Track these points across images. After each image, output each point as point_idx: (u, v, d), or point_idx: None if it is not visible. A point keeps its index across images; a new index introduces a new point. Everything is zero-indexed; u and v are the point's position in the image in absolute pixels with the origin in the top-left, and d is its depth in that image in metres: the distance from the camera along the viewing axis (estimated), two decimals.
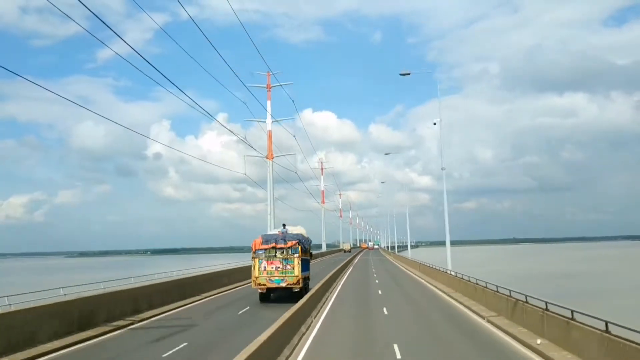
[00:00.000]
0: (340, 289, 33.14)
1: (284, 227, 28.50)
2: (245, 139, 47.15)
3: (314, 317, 20.68)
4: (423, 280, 38.82)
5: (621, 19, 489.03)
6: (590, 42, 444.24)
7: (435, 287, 33.04)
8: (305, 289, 26.58)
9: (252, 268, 26.55)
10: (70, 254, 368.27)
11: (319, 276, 34.31)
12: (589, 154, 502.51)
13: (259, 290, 26.53)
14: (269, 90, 55.12)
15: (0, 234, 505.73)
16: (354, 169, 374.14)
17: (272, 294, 27.31)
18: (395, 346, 14.91)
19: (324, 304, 25.01)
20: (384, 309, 22.95)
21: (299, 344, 15.60)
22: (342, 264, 53.24)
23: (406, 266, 58.74)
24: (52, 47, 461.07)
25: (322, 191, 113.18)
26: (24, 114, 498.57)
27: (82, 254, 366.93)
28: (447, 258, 33.77)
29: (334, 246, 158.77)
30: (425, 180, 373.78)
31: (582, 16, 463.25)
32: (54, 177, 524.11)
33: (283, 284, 26.19)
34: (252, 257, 26.63)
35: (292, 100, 64.30)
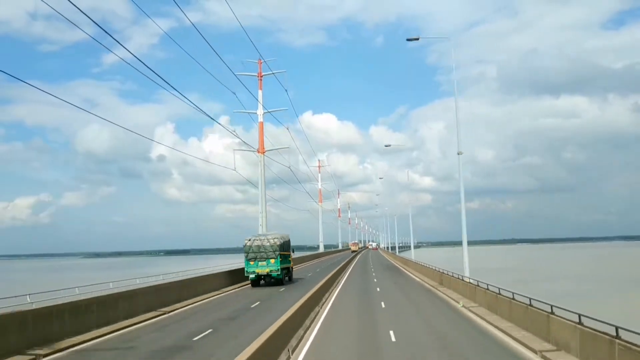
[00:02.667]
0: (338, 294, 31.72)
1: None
2: (234, 131, 45.91)
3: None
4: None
5: (620, 22, 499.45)
6: (590, 45, 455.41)
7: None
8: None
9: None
10: (87, 255, 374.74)
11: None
12: (589, 155, 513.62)
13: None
14: (260, 79, 53.04)
15: (9, 235, 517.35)
16: (356, 170, 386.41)
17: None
18: None
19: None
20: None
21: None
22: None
23: (411, 270, 52.38)
24: (59, 52, 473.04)
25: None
26: (31, 117, 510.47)
27: (97, 255, 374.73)
28: (464, 262, 28.28)
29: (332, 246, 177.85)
30: (427, 181, 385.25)
31: (582, 19, 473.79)
32: (60, 179, 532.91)
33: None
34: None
35: (286, 90, 55.53)
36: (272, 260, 35.22)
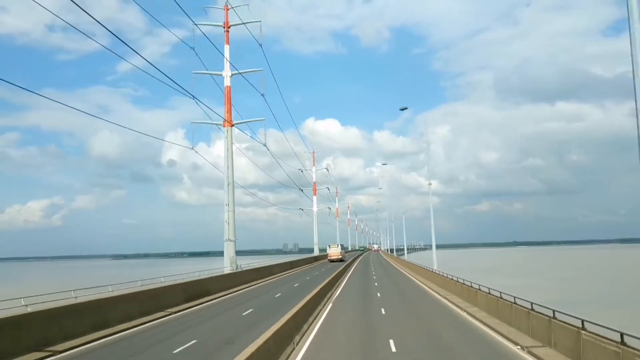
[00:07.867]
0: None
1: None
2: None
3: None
4: None
5: (620, 29, 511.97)
6: (589, 51, 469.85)
7: None
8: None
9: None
10: (114, 257, 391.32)
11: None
12: (591, 158, 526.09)
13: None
14: (227, 30, 45.64)
15: (22, 238, 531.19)
16: (362, 173, 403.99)
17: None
18: None
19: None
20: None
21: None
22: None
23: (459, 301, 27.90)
24: (75, 60, 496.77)
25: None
26: (47, 122, 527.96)
27: (125, 257, 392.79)
28: None
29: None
30: (433, 184, 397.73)
31: (582, 26, 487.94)
32: (73, 183, 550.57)
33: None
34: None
35: (260, 45, 47.06)
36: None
